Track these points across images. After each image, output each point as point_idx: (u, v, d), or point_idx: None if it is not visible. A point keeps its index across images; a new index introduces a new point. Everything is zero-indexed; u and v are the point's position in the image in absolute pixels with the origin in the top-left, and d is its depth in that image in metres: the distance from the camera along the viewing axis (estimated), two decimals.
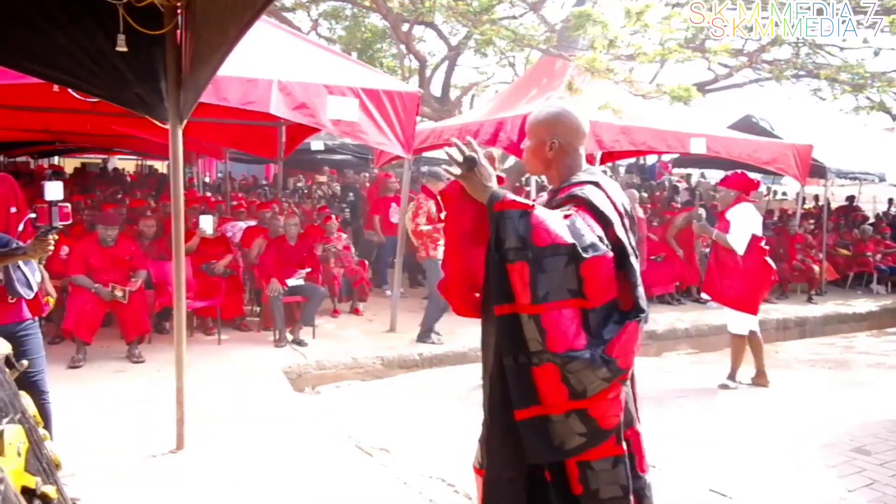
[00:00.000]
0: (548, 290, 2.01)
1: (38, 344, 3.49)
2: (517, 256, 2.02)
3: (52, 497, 1.46)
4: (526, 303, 2.02)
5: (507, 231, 2.04)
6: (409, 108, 6.85)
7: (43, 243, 3.10)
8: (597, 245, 2.04)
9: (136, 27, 3.52)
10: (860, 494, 3.81)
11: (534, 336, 2.01)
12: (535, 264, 2.01)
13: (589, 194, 2.18)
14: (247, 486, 3.70)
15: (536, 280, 2.00)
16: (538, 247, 2.01)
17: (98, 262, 6.17)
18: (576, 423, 2.05)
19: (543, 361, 2.01)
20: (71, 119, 8.73)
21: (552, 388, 2.02)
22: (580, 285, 2.03)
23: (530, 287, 2.00)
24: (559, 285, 2.02)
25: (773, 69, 11.90)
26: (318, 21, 15.37)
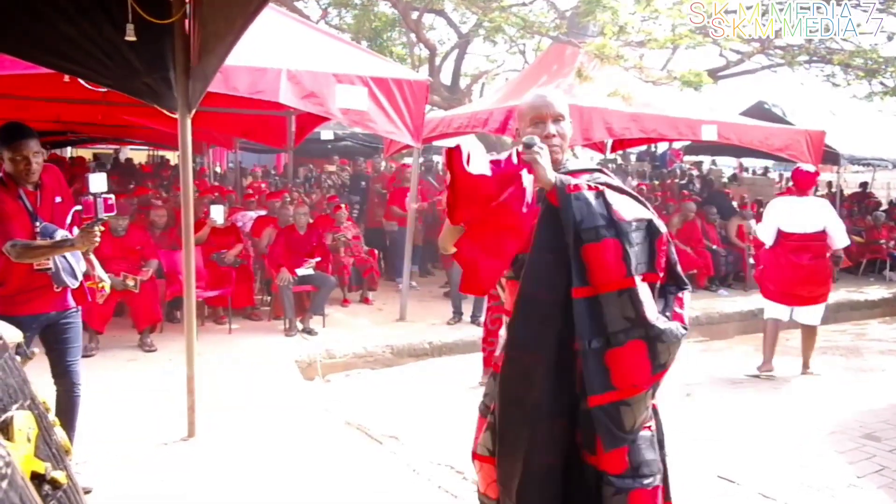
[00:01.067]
0: (637, 261, 2.07)
1: (79, 333, 3.54)
2: (603, 234, 2.05)
3: (61, 482, 1.47)
4: (619, 277, 2.04)
5: (587, 211, 2.07)
6: (418, 97, 6.83)
7: (89, 235, 3.16)
8: (661, 222, 2.16)
9: (145, 16, 3.52)
10: (870, 480, 3.80)
11: (624, 312, 2.04)
12: (625, 237, 2.05)
13: (610, 181, 2.25)
14: (257, 473, 3.74)
15: (628, 253, 2.04)
16: (622, 222, 2.06)
17: (109, 252, 6.21)
18: (649, 398, 2.12)
19: (630, 338, 2.04)
20: (82, 109, 8.77)
21: (635, 367, 2.05)
22: (652, 259, 2.12)
23: (624, 260, 2.04)
24: (642, 258, 2.10)
25: (786, 55, 11.78)
26: (328, 9, 15.35)
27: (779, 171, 20.81)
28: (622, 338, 2.04)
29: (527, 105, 2.38)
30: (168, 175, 13.82)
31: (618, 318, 2.04)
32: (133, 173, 14.72)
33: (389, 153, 11.05)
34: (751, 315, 8.75)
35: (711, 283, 9.95)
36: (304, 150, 12.64)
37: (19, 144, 3.20)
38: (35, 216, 3.33)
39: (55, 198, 3.46)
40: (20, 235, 3.25)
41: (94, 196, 3.23)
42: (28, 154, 3.21)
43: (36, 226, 3.32)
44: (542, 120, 2.30)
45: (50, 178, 3.43)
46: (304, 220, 7.41)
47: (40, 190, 3.39)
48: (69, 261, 3.40)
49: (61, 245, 3.23)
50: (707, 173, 18.78)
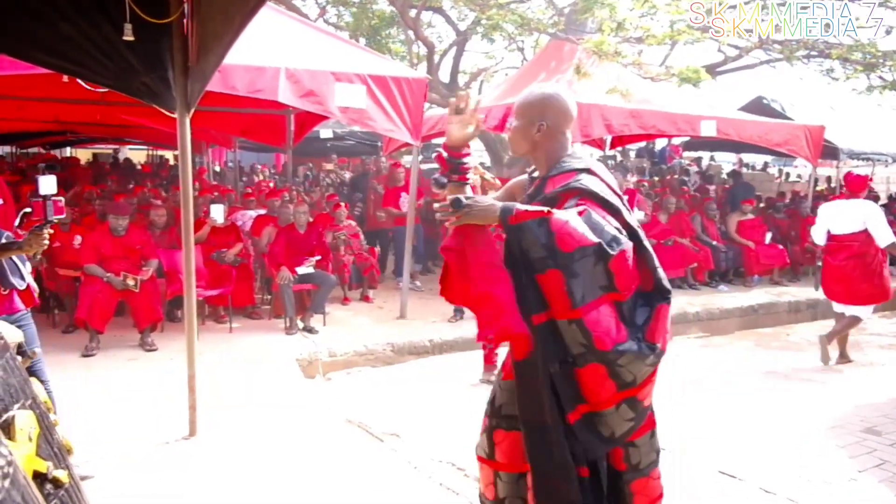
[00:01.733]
0: (583, 292, 2.01)
1: (34, 334, 3.52)
2: (546, 265, 2.02)
3: (63, 481, 1.48)
4: (565, 308, 2.02)
5: (530, 242, 2.03)
6: (416, 95, 6.83)
7: (38, 238, 3.12)
8: (618, 238, 2.05)
9: (143, 16, 3.52)
10: (870, 475, 3.80)
11: (577, 339, 2.02)
12: (567, 270, 2.00)
13: (589, 184, 2.17)
14: (259, 471, 3.74)
15: (571, 285, 2.00)
16: (565, 252, 2.00)
17: (110, 252, 6.22)
18: (626, 412, 2.11)
19: (588, 362, 2.03)
20: (81, 109, 8.78)
21: (598, 386, 2.06)
22: (611, 280, 2.04)
23: (567, 293, 2.00)
24: (592, 285, 2.02)
25: (784, 49, 11.77)
26: (326, 7, 15.33)
27: (778, 167, 20.82)
28: (582, 361, 2.04)
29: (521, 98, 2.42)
30: (167, 175, 13.84)
31: (575, 343, 2.03)
32: (133, 173, 14.73)
33: (388, 151, 11.06)
34: (751, 311, 8.78)
35: (712, 278, 9.95)
36: (303, 148, 12.63)
37: None
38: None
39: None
40: None
41: (44, 198, 3.16)
42: None
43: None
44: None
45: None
46: (304, 219, 7.41)
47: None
48: (15, 262, 3.38)
49: (8, 248, 3.19)
50: (706, 169, 18.78)
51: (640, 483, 2.27)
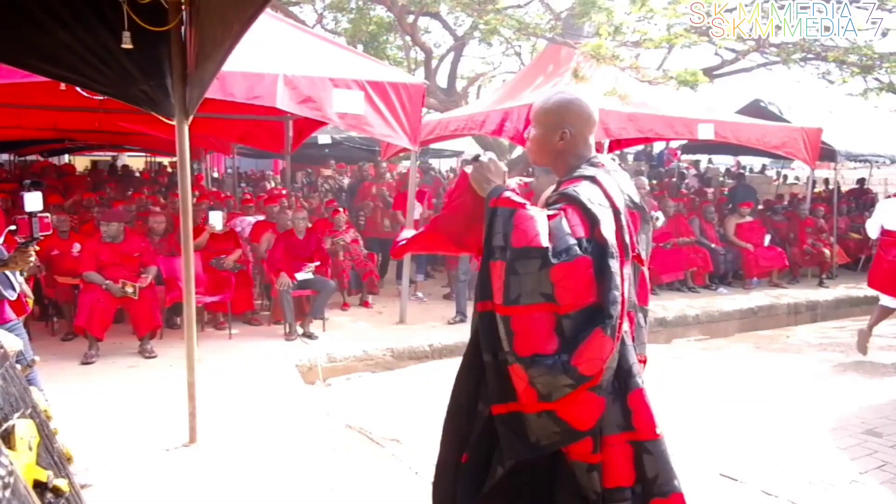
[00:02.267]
0: (519, 292, 1.95)
1: (25, 344, 3.51)
2: (499, 255, 2.00)
3: (63, 490, 1.48)
4: (499, 303, 1.99)
5: (496, 228, 2.03)
6: (414, 100, 6.84)
7: (24, 255, 3.12)
8: (571, 250, 1.95)
9: (141, 24, 3.53)
10: (872, 476, 3.80)
11: (505, 336, 1.98)
12: (510, 265, 1.97)
13: (580, 191, 2.07)
14: (259, 478, 3.74)
15: (508, 281, 1.96)
16: (514, 248, 1.97)
17: (108, 259, 6.21)
18: (548, 423, 2.00)
19: (511, 363, 1.98)
20: (79, 117, 8.79)
21: (523, 388, 1.99)
22: (551, 290, 1.95)
23: (503, 288, 1.97)
24: (532, 289, 1.95)
25: (781, 52, 11.80)
26: (323, 14, 15.37)
27: (776, 169, 20.82)
28: (510, 359, 1.98)
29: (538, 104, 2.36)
30: (165, 181, 13.84)
31: (504, 339, 1.99)
32: (131, 180, 14.74)
33: (386, 156, 11.06)
34: (750, 313, 8.78)
35: (711, 281, 9.96)
36: (301, 154, 12.63)
37: None
38: None
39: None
40: None
41: (30, 215, 3.15)
42: None
43: None
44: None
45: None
46: (303, 225, 7.41)
47: None
48: (6, 273, 3.37)
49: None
50: (705, 172, 18.80)
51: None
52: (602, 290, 1.97)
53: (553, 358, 1.94)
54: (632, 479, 2.08)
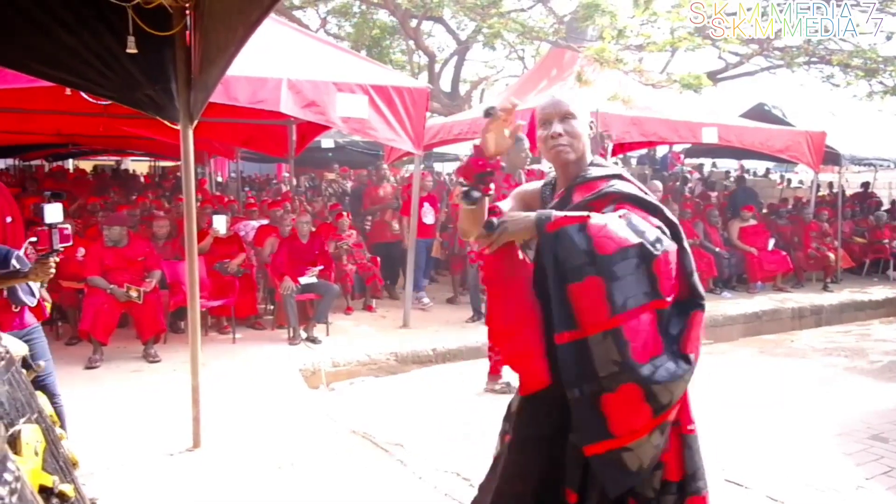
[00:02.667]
0: (625, 297, 1.87)
1: (45, 348, 3.52)
2: (585, 272, 1.89)
3: (69, 495, 1.47)
4: (602, 319, 1.87)
5: (568, 249, 1.91)
6: (418, 104, 6.84)
7: (44, 267, 3.12)
8: (661, 239, 1.95)
9: (146, 28, 3.53)
10: (878, 482, 3.79)
11: (610, 356, 1.87)
12: (607, 274, 1.87)
13: (624, 188, 2.08)
14: (263, 483, 3.73)
15: (611, 290, 1.86)
16: (605, 255, 1.87)
17: (113, 263, 6.22)
18: (656, 438, 1.95)
19: (620, 384, 1.87)
20: (83, 121, 8.81)
21: (632, 413, 1.90)
22: (654, 285, 1.91)
23: (607, 299, 1.86)
24: (635, 290, 1.89)
25: (785, 56, 11.80)
26: (327, 18, 15.41)
27: (780, 173, 20.81)
28: (614, 383, 1.87)
29: (538, 108, 2.30)
30: (169, 186, 13.87)
31: (606, 361, 1.87)
32: (135, 184, 14.77)
33: (390, 160, 11.07)
34: (754, 317, 8.76)
35: (715, 285, 9.94)
36: (304, 158, 12.66)
37: None
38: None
39: (6, 218, 3.44)
40: None
41: (50, 227, 3.17)
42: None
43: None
44: (548, 120, 2.19)
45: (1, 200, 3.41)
46: (307, 229, 7.41)
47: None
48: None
49: (14, 276, 3.19)
50: (708, 175, 18.77)
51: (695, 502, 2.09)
52: (684, 273, 2.00)
53: (667, 357, 1.91)
54: (679, 473, 2.09)
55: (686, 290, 2.01)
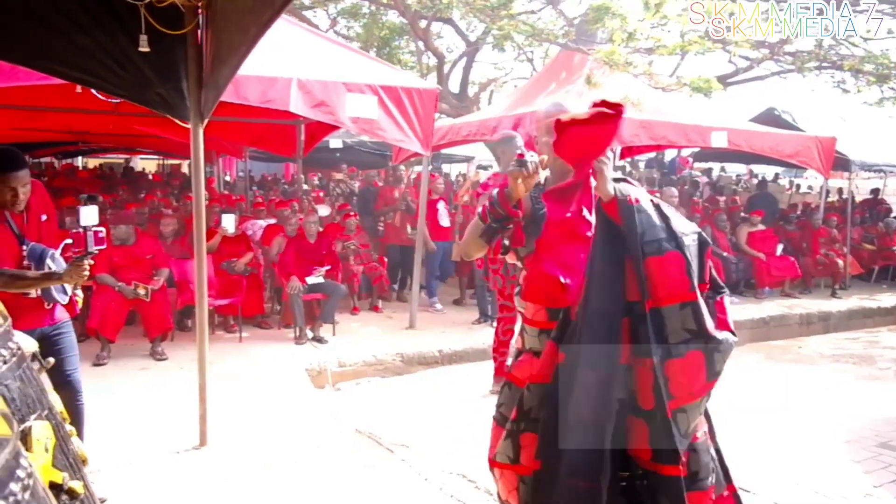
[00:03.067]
0: (697, 276, 2.11)
1: (73, 343, 3.55)
2: (665, 247, 2.09)
3: (78, 492, 1.47)
4: (682, 291, 2.08)
5: (649, 224, 2.10)
6: (427, 105, 6.84)
7: (79, 269, 3.14)
8: (702, 234, 2.20)
9: (158, 27, 3.55)
10: (886, 490, 3.76)
11: (685, 325, 2.07)
12: (686, 251, 2.09)
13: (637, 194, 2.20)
14: (269, 481, 3.73)
15: (690, 265, 2.08)
16: (683, 234, 2.12)
17: (121, 261, 6.24)
18: (703, 405, 2.21)
19: (689, 350, 2.08)
20: (93, 119, 8.84)
21: (692, 377, 2.10)
22: (703, 270, 2.16)
23: (687, 273, 2.08)
24: (698, 270, 2.12)
25: (796, 61, 11.75)
26: (337, 19, 15.43)
27: (789, 178, 20.73)
28: (682, 349, 2.08)
29: (543, 112, 2.35)
30: (178, 184, 13.91)
31: (679, 330, 2.08)
32: (143, 182, 14.81)
33: (398, 161, 11.07)
34: (762, 323, 8.71)
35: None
36: (312, 158, 12.66)
37: (8, 177, 3.05)
38: (22, 238, 3.31)
39: (41, 216, 3.45)
40: (8, 258, 3.23)
41: (85, 229, 3.20)
42: (17, 186, 3.08)
43: (24, 248, 3.30)
44: (552, 127, 2.24)
45: (35, 199, 3.42)
46: (314, 229, 7.42)
47: (27, 211, 3.34)
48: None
49: (49, 278, 3.21)
50: (717, 180, 18.71)
51: (697, 497, 2.21)
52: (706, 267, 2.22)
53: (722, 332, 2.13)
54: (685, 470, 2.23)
55: (710, 283, 2.26)
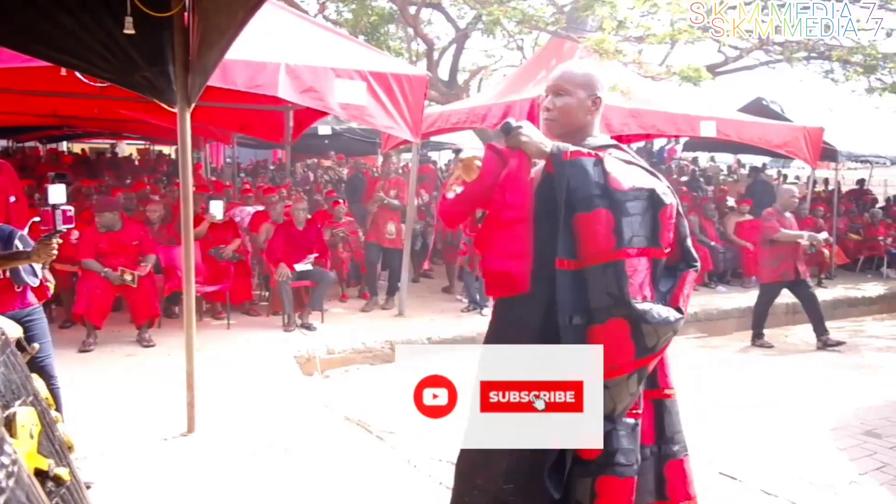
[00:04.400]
0: (632, 234, 1.95)
1: (44, 329, 3.51)
2: (595, 203, 1.95)
3: (64, 479, 1.46)
4: (606, 249, 1.94)
5: (582, 179, 1.98)
6: (416, 92, 6.80)
7: (47, 247, 3.10)
8: (667, 192, 2.03)
9: (144, 9, 3.49)
10: (871, 477, 3.80)
11: (607, 288, 1.94)
12: (619, 208, 1.95)
13: (622, 156, 2.14)
14: (257, 468, 3.72)
15: (620, 224, 1.94)
16: (619, 191, 1.96)
17: (107, 247, 6.18)
18: (633, 384, 1.98)
19: (611, 317, 1.94)
20: (79, 103, 8.75)
21: (616, 348, 1.94)
22: (656, 233, 1.99)
23: (614, 232, 1.94)
24: (640, 231, 1.97)
25: (785, 51, 11.77)
26: (326, 4, 15.29)
27: (776, 168, 20.80)
28: (604, 315, 1.95)
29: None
30: (164, 170, 13.80)
31: (601, 294, 1.95)
32: (129, 168, 14.69)
33: (387, 148, 11.03)
34: (749, 312, 8.75)
35: (710, 279, 9.95)
36: (301, 145, 12.60)
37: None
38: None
39: (9, 198, 3.42)
40: None
41: (53, 207, 3.16)
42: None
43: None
44: (546, 93, 2.29)
45: (2, 179, 3.38)
46: (303, 216, 7.37)
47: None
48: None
49: (17, 257, 3.18)
50: (705, 170, 18.76)
51: (607, 482, 2.01)
52: (680, 236, 2.10)
53: (660, 303, 1.99)
54: (652, 437, 2.12)
55: (678, 254, 2.11)
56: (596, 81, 2.28)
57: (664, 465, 2.15)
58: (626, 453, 2.01)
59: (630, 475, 2.02)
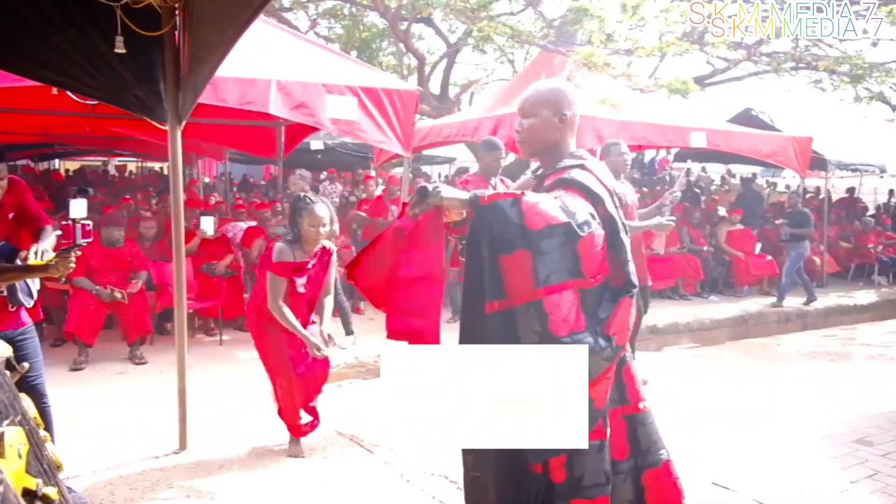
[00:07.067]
0: (548, 272, 1.98)
1: (37, 348, 3.49)
2: (515, 245, 1.99)
3: (53, 498, 1.46)
4: (527, 290, 1.99)
5: (502, 222, 2.01)
6: (408, 106, 6.82)
7: (66, 261, 3.09)
8: (590, 222, 2.04)
9: (134, 28, 3.51)
10: (863, 485, 3.81)
11: (532, 327, 1.98)
12: (534, 248, 1.98)
13: (576, 176, 2.17)
14: (249, 485, 3.71)
15: (536, 264, 1.97)
16: (534, 231, 1.98)
17: (99, 264, 6.18)
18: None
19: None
20: (70, 121, 8.74)
21: None
22: (577, 264, 2.01)
23: (532, 272, 1.97)
24: (558, 267, 1.99)
25: (772, 61, 11.88)
26: (317, 20, 15.36)
27: (766, 178, 20.92)
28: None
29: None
30: (157, 186, 13.78)
31: (528, 332, 2.00)
32: (121, 185, 14.67)
33: (379, 163, 11.06)
34: (741, 321, 8.80)
35: (702, 289, 9.98)
36: (293, 160, 12.61)
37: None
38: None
39: (8, 214, 3.42)
40: None
41: (74, 222, 3.16)
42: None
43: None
44: (518, 115, 2.35)
45: (8, 197, 3.38)
46: None
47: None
48: (26, 280, 3.36)
49: (34, 270, 3.18)
50: (696, 180, 18.84)
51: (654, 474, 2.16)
52: (617, 262, 2.10)
53: (588, 334, 2.00)
54: (626, 452, 2.16)
55: (620, 278, 2.11)
56: (562, 99, 2.30)
57: (641, 476, 2.20)
58: (593, 475, 2.07)
59: (600, 494, 2.08)
